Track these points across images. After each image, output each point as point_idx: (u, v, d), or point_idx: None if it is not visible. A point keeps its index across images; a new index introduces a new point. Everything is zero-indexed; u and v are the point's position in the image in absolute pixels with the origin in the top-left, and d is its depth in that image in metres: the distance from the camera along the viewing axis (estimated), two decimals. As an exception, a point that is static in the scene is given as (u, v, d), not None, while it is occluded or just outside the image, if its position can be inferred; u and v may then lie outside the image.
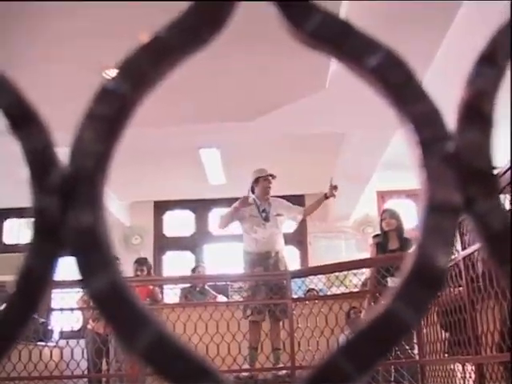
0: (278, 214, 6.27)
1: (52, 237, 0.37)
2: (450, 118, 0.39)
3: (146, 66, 0.39)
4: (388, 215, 6.20)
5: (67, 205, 0.37)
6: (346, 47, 0.39)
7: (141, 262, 7.62)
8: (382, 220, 6.23)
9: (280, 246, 6.22)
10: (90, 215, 0.37)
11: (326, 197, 6.54)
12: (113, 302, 0.36)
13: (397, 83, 0.38)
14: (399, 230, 6.07)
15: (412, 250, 0.37)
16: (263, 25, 4.87)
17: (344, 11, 4.72)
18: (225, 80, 5.93)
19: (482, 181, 0.37)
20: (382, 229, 6.21)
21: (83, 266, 0.36)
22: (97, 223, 0.37)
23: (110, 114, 0.38)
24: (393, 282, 5.36)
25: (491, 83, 0.39)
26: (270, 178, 6.39)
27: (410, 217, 10.02)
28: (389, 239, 6.06)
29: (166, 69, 0.40)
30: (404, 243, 5.96)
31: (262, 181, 6.39)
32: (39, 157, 0.38)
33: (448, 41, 5.17)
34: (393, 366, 5.37)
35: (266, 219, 6.25)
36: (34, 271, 0.37)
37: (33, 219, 0.38)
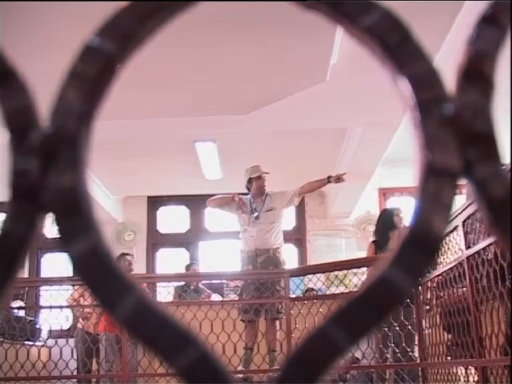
0: (270, 209, 6.18)
1: (31, 199, 0.36)
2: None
3: (133, 24, 0.38)
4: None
5: (48, 166, 0.36)
6: (341, 6, 0.38)
7: (122, 255, 7.48)
8: None
9: (272, 244, 6.12)
10: (72, 177, 0.36)
11: (329, 181, 6.46)
12: (94, 266, 0.35)
13: (393, 43, 0.37)
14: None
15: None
16: (261, 16, 4.74)
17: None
18: (222, 72, 5.88)
19: (481, 144, 0.36)
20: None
21: (64, 229, 0.35)
22: (78, 185, 0.36)
23: (93, 72, 0.37)
24: None
25: (492, 45, 0.37)
26: (264, 175, 6.28)
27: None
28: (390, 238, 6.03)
29: (152, 27, 0.39)
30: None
31: (255, 181, 6.32)
32: (19, 116, 0.37)
33: (453, 35, 5.11)
34: (393, 370, 5.31)
35: (257, 217, 6.21)
36: (13, 235, 0.36)
37: (11, 181, 0.36)
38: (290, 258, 6.64)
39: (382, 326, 0.35)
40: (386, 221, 6.14)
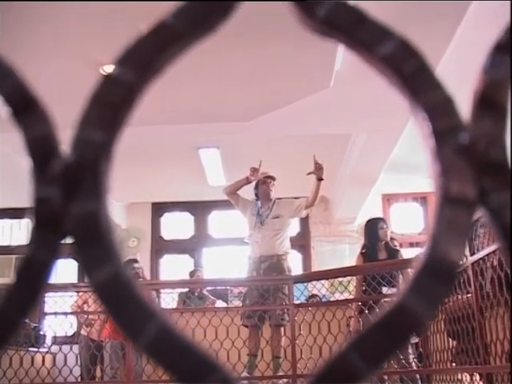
0: (276, 216, 6.15)
1: (53, 227, 0.37)
2: (463, 110, 0.38)
3: (152, 53, 0.38)
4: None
5: (69, 194, 0.37)
6: (358, 35, 0.39)
7: (129, 261, 7.44)
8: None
9: (277, 250, 6.07)
10: (93, 205, 0.37)
11: (319, 179, 6.24)
12: (117, 294, 0.35)
13: (410, 72, 0.38)
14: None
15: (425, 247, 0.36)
16: (264, 22, 4.74)
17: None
18: (226, 78, 5.88)
19: (496, 173, 0.37)
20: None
21: (86, 258, 0.36)
22: (100, 213, 0.37)
23: (114, 101, 0.38)
24: (389, 290, 5.29)
25: (506, 73, 0.38)
26: (269, 180, 6.25)
27: (416, 220, 9.96)
28: (378, 249, 6.03)
29: (172, 56, 0.39)
30: (391, 253, 5.96)
31: (260, 185, 6.31)
32: (40, 145, 0.38)
33: (457, 39, 5.08)
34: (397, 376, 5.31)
35: (261, 223, 6.16)
36: (36, 262, 0.37)
37: (34, 209, 0.37)
38: (294, 264, 6.61)
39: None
40: (372, 233, 6.12)
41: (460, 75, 5.28)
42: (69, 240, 0.38)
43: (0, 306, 0.37)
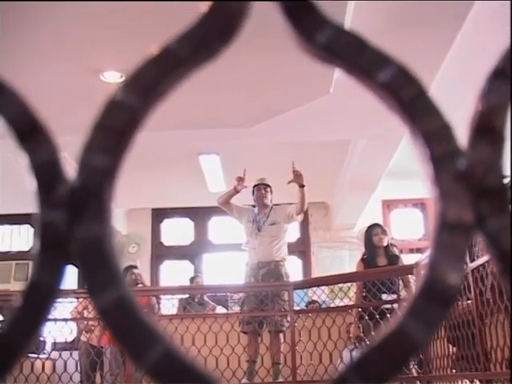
0: (273, 223, 6.16)
1: (59, 251, 0.37)
2: (460, 122, 0.40)
3: (155, 79, 0.39)
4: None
5: (74, 219, 0.37)
6: (357, 61, 0.39)
7: (129, 267, 7.42)
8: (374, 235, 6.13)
9: (274, 256, 6.07)
10: (98, 229, 0.37)
11: (300, 186, 6.22)
12: (121, 317, 0.36)
13: (408, 98, 0.38)
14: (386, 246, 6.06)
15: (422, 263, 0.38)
16: (264, 28, 4.75)
17: (350, 11, 4.62)
18: (226, 85, 5.87)
19: (493, 198, 0.37)
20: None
21: (90, 281, 0.36)
22: (104, 237, 0.37)
23: (118, 126, 0.38)
24: (389, 297, 5.29)
25: (503, 99, 0.38)
26: (263, 187, 6.28)
27: (416, 226, 9.95)
28: (376, 255, 6.02)
29: (175, 81, 0.40)
30: (391, 259, 5.96)
31: (255, 190, 6.38)
32: (46, 170, 0.38)
33: (458, 43, 5.10)
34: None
35: (259, 229, 6.17)
36: (42, 285, 0.37)
37: (39, 233, 0.38)
38: (293, 270, 6.60)
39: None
40: (368, 240, 6.12)
41: (461, 79, 5.30)
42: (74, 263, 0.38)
43: (5, 331, 0.37)
